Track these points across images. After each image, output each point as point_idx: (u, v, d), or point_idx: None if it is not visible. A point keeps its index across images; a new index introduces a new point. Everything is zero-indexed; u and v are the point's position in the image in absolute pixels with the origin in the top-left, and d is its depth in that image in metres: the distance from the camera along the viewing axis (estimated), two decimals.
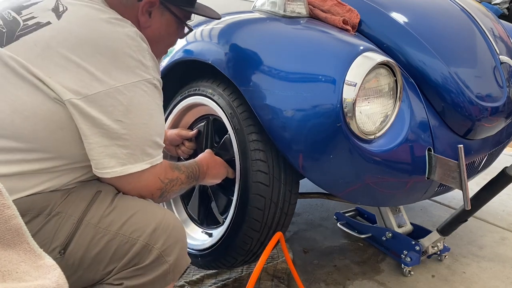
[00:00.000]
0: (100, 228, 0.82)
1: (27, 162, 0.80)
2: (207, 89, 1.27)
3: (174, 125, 1.45)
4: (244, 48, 1.16)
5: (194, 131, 1.39)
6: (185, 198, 1.49)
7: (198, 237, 1.39)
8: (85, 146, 0.82)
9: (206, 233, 1.39)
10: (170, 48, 1.38)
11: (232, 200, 1.27)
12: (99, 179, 0.89)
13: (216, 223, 1.40)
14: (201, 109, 1.38)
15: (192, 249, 1.34)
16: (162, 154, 0.90)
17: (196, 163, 1.11)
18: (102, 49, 0.81)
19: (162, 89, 1.18)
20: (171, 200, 1.49)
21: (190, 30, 1.07)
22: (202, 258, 1.32)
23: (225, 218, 1.32)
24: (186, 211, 1.49)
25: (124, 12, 0.90)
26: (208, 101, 1.27)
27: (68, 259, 0.79)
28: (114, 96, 0.80)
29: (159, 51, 1.04)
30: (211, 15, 1.10)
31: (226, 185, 1.32)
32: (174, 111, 1.42)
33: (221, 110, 1.21)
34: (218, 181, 1.23)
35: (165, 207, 1.48)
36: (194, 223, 1.45)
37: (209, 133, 1.37)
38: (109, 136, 0.81)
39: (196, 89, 1.32)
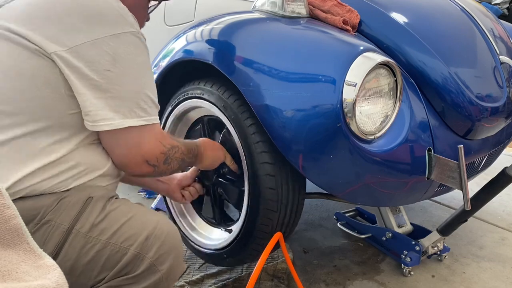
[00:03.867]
0: (90, 237, 0.80)
1: (18, 126, 0.79)
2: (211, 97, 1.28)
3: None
4: (244, 48, 1.16)
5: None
6: (197, 208, 1.50)
7: (219, 237, 1.39)
8: (78, 100, 0.81)
9: (226, 230, 1.39)
10: (170, 48, 1.39)
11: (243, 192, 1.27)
12: (90, 185, 0.87)
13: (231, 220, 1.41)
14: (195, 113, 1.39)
15: (213, 249, 1.36)
16: (157, 116, 0.89)
17: (194, 142, 1.11)
18: (84, 3, 0.81)
19: (163, 89, 1.17)
20: (190, 219, 1.49)
21: (159, 2, 1.07)
22: (227, 254, 1.33)
23: (241, 211, 1.32)
24: (202, 218, 1.49)
25: None
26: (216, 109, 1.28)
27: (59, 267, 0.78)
28: (100, 47, 0.80)
29: None
30: None
31: (235, 179, 1.32)
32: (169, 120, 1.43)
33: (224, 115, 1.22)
34: (217, 164, 1.22)
35: (185, 225, 1.49)
36: (213, 226, 1.46)
37: (207, 134, 1.38)
38: (99, 88, 0.81)
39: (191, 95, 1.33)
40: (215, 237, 1.41)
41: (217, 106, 1.24)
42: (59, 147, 0.83)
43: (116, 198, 0.90)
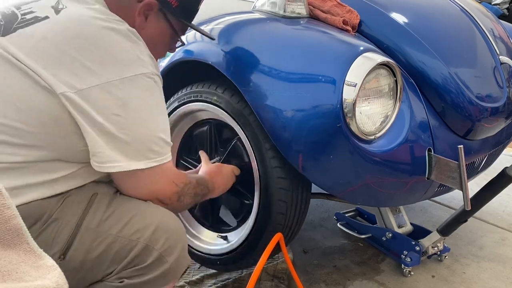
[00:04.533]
0: (100, 232, 0.82)
1: (20, 155, 0.78)
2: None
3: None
4: (244, 48, 1.16)
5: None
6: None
7: (215, 242, 1.40)
8: (86, 139, 0.80)
9: (221, 237, 1.39)
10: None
11: (245, 203, 1.29)
12: (94, 181, 0.88)
13: (227, 226, 1.40)
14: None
15: (210, 254, 1.37)
16: (170, 153, 0.88)
17: (200, 175, 1.09)
18: (98, 44, 0.80)
19: (163, 89, 1.13)
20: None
21: (182, 44, 1.07)
22: (221, 262, 1.34)
23: (240, 221, 1.33)
24: (193, 216, 1.49)
25: (122, 12, 0.90)
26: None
27: (68, 263, 0.79)
28: (110, 90, 0.79)
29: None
30: (207, 34, 1.15)
31: (238, 189, 1.32)
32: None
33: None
34: (230, 186, 1.20)
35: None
36: (206, 228, 1.45)
37: (213, 138, 1.37)
38: (108, 133, 0.79)
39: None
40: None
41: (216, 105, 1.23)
42: (61, 169, 0.83)
43: (120, 193, 0.90)
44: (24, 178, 0.79)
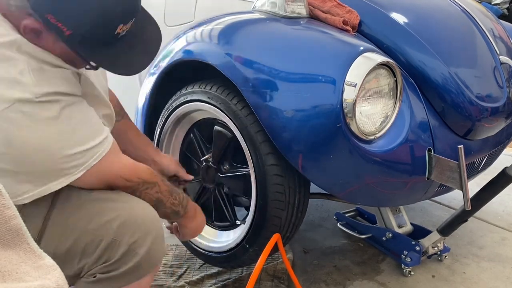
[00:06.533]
0: (67, 226, 0.81)
1: None
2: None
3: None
4: (244, 48, 1.16)
5: (191, 177, 1.31)
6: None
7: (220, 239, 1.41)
8: None
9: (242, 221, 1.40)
10: (170, 48, 1.38)
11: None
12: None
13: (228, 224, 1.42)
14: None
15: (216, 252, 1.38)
16: (103, 148, 0.80)
17: (187, 198, 1.03)
18: None
19: (163, 89, 1.14)
20: None
21: (93, 68, 0.82)
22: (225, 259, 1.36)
23: (240, 220, 1.35)
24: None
25: (12, 18, 0.74)
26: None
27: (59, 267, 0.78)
28: None
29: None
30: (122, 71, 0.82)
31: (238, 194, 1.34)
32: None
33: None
34: (194, 236, 1.14)
35: None
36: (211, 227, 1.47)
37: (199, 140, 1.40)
38: (2, 170, 0.74)
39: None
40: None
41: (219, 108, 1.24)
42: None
43: None
44: None
